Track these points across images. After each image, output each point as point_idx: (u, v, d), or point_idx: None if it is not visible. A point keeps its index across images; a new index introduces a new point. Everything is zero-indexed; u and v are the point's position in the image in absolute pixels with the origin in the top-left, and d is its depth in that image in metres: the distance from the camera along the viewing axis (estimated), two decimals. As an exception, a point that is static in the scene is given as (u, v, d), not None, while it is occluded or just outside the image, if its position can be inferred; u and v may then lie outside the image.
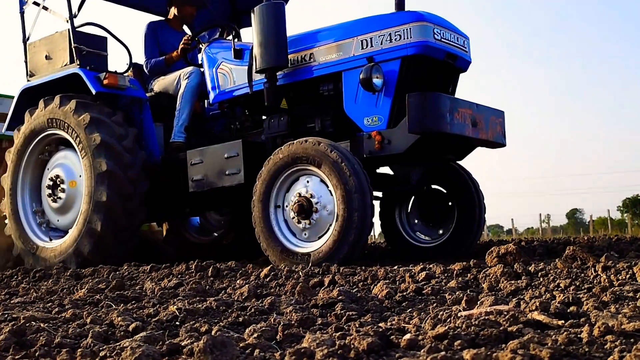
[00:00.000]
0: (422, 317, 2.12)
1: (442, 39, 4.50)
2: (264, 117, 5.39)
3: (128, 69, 5.89)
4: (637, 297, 2.24)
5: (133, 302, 2.90)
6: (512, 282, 2.78)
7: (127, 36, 5.86)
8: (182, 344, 1.77)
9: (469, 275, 3.11)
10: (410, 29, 4.39)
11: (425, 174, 5.11)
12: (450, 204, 5.21)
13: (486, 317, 1.92)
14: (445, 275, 3.17)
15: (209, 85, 5.48)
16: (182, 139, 5.57)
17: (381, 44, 4.48)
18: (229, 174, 4.89)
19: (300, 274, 3.51)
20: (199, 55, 5.95)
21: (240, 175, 4.83)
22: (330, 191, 4.24)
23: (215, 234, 6.83)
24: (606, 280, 2.65)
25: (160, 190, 5.56)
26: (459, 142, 4.70)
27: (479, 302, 2.31)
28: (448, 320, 2.01)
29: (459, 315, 2.04)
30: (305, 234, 4.36)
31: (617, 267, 2.87)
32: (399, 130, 4.35)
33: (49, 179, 5.73)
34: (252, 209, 4.49)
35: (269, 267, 3.70)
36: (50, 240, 5.72)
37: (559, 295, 2.31)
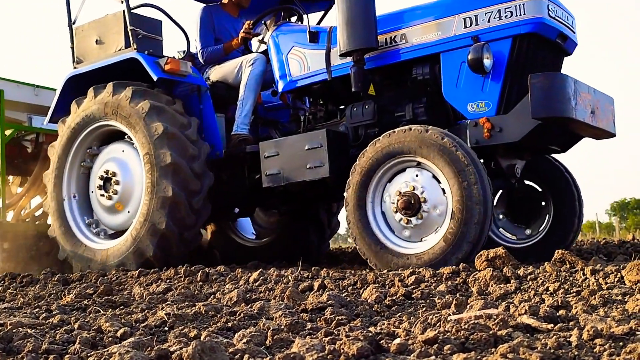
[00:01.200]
0: (412, 321, 2.12)
1: (556, 17, 4.11)
2: (340, 107, 5.07)
3: (185, 55, 5.48)
4: (626, 300, 2.25)
5: (121, 307, 2.89)
6: (502, 285, 2.79)
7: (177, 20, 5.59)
8: (171, 349, 1.76)
9: (458, 279, 3.11)
10: (523, 4, 3.98)
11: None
12: (543, 203, 4.74)
13: (476, 321, 1.92)
14: (435, 279, 3.17)
15: (277, 73, 5.06)
16: (246, 130, 5.16)
17: (488, 21, 4.08)
18: (311, 167, 4.47)
19: (290, 278, 3.50)
20: (265, 41, 5.52)
21: (325, 168, 4.42)
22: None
23: (265, 237, 6.42)
24: (595, 284, 2.66)
25: (222, 186, 5.13)
26: (570, 130, 4.26)
27: (468, 306, 2.31)
28: (438, 324, 2.01)
29: (448, 319, 2.04)
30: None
31: (605, 271, 2.88)
32: (513, 116, 3.94)
33: (100, 174, 5.27)
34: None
35: (258, 272, 3.69)
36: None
37: (548, 299, 2.32)
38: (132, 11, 5.26)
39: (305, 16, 5.08)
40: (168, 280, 3.87)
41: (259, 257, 5.64)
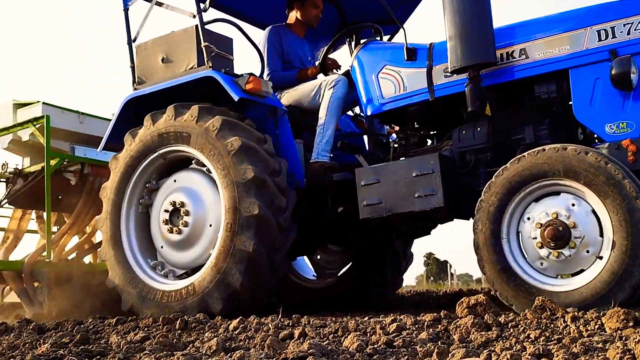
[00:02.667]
0: (394, 370, 2.10)
1: None
2: (437, 130, 4.70)
3: (260, 75, 5.03)
4: (607, 348, 2.25)
5: (98, 357, 2.84)
6: (483, 333, 2.78)
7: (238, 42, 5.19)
8: (149, 402, 1.73)
9: (439, 326, 3.10)
10: None
11: None
12: None
13: (458, 371, 1.90)
14: (416, 326, 3.15)
15: (363, 96, 4.71)
16: (327, 158, 4.79)
17: (628, 33, 3.74)
18: (421, 196, 4.04)
19: (270, 326, 3.46)
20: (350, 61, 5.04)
21: (438, 197, 3.99)
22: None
23: (328, 277, 5.95)
24: (575, 331, 2.66)
25: (300, 219, 4.63)
26: None
27: (450, 355, 2.30)
28: (420, 373, 1.99)
29: (430, 368, 2.02)
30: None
31: (586, 318, 2.88)
32: None
33: (165, 208, 4.77)
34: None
35: (238, 320, 3.64)
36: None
37: (530, 347, 2.31)
38: (205, 26, 4.88)
39: (402, 30, 4.63)
40: (146, 329, 3.81)
41: (324, 299, 5.35)
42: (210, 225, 4.60)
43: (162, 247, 4.86)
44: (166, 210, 4.77)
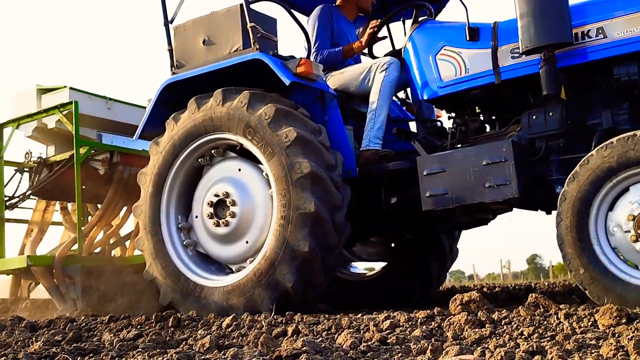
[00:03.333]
0: (388, 368, 2.10)
1: None
2: (502, 115, 4.40)
3: (307, 58, 4.67)
4: (600, 344, 2.26)
5: (91, 355, 2.82)
6: (476, 330, 2.78)
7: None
8: (142, 400, 1.72)
9: (433, 323, 3.10)
10: None
11: None
12: None
13: (452, 368, 1.90)
14: (410, 323, 3.15)
15: (419, 79, 4.44)
16: (379, 145, 4.51)
17: None
18: (492, 186, 3.77)
19: (263, 323, 3.46)
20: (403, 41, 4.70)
21: (511, 187, 3.71)
22: None
23: (369, 270, 5.75)
24: (569, 328, 2.67)
25: (351, 210, 4.32)
26: None
27: (444, 352, 2.30)
28: (414, 371, 1.99)
29: (424, 365, 2.02)
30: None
31: (579, 314, 2.89)
32: None
33: (209, 200, 4.46)
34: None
35: (231, 317, 3.63)
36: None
37: (523, 344, 2.31)
38: (250, 6, 4.58)
39: (464, 9, 4.30)
40: (139, 326, 3.80)
41: (367, 293, 5.20)
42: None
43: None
44: (209, 204, 4.48)
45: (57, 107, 5.99)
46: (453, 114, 4.64)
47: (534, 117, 4.01)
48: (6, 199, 6.27)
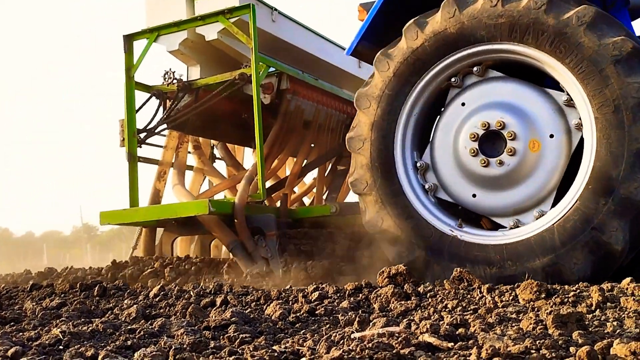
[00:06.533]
0: (316, 339, 2.12)
1: None
2: None
3: None
4: (520, 318, 2.34)
5: (12, 323, 2.74)
6: (402, 302, 2.85)
7: None
8: (67, 370, 1.69)
9: (360, 295, 3.15)
10: None
11: None
12: None
13: (379, 340, 1.94)
14: (338, 295, 3.20)
15: None
16: None
17: None
18: None
19: (192, 293, 3.43)
20: None
21: None
22: None
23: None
24: (491, 302, 2.76)
25: None
26: None
27: (371, 324, 2.34)
28: (341, 342, 2.02)
29: (352, 337, 2.06)
30: None
31: (500, 289, 2.99)
32: None
33: (473, 132, 3.62)
34: None
35: (158, 287, 3.59)
36: (485, 232, 3.66)
37: (447, 317, 2.38)
38: None
39: None
40: (62, 295, 3.71)
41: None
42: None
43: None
44: (473, 137, 3.64)
45: (224, 12, 4.90)
46: None
47: None
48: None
